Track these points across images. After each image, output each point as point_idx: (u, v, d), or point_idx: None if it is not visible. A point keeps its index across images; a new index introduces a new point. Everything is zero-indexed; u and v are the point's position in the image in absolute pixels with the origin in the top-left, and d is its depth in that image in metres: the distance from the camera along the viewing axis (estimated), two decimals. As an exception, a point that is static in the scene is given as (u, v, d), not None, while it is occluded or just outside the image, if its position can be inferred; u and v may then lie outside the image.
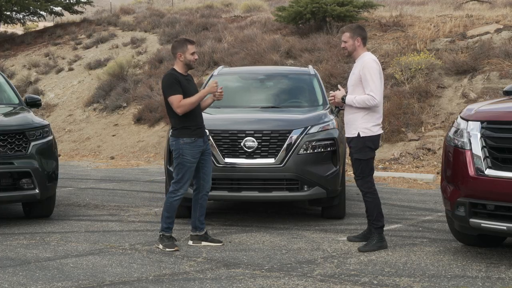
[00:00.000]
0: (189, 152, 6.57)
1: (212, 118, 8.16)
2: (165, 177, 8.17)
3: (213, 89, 6.74)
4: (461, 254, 6.28)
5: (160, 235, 6.68)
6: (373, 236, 6.56)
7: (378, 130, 6.60)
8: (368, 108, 6.50)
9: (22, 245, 6.83)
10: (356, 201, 9.35)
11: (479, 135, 5.78)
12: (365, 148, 6.53)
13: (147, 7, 30.38)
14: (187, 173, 6.61)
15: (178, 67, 6.69)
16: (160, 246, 6.58)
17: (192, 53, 6.65)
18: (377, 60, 6.65)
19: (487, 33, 17.12)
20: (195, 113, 6.66)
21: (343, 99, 6.62)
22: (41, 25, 34.39)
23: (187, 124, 6.60)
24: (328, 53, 18.00)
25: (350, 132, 6.62)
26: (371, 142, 6.56)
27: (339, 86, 6.91)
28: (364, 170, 6.58)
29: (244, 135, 7.54)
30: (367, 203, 6.60)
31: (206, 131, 7.00)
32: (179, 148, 6.58)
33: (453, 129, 6.19)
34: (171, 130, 6.84)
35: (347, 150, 8.94)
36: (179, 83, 6.56)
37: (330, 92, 6.90)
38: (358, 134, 6.53)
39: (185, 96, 6.57)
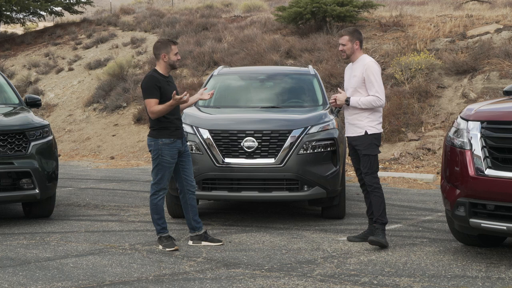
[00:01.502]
0: (168, 152, 6.56)
1: (212, 118, 8.16)
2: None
3: (176, 102, 6.47)
4: (461, 254, 6.28)
5: (157, 237, 6.70)
6: (378, 231, 6.59)
7: (380, 128, 6.80)
8: (373, 108, 6.67)
9: (22, 245, 6.83)
10: (356, 201, 9.35)
11: (479, 135, 5.78)
12: (372, 144, 6.69)
13: (147, 7, 30.39)
14: (166, 174, 6.62)
15: (161, 68, 6.66)
16: (160, 247, 6.58)
17: (176, 54, 6.64)
18: (377, 62, 6.83)
19: (487, 33, 17.12)
20: (174, 115, 6.64)
21: (347, 101, 6.73)
22: (41, 25, 34.38)
23: (166, 125, 6.59)
24: (328, 53, 18.01)
25: (356, 131, 6.73)
26: (376, 139, 6.74)
27: (339, 89, 7.01)
28: (373, 165, 6.71)
29: (244, 135, 7.54)
30: (375, 198, 6.66)
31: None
32: (158, 149, 6.57)
33: (453, 129, 6.19)
34: (149, 131, 6.80)
35: (347, 150, 8.96)
36: (158, 87, 6.53)
37: (332, 95, 6.95)
38: (366, 132, 6.67)
39: (164, 98, 6.52)
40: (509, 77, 14.73)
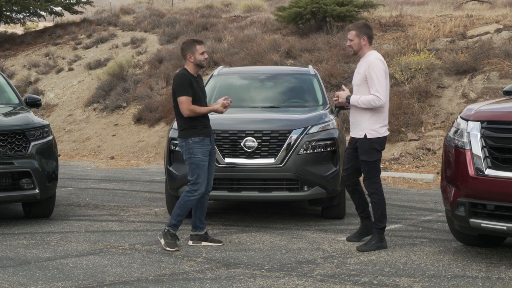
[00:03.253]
0: (200, 150, 6.57)
1: (212, 118, 8.13)
2: (165, 177, 8.17)
3: (220, 110, 6.79)
4: (461, 254, 6.28)
5: (165, 229, 6.61)
6: (373, 236, 6.56)
7: (384, 132, 6.53)
8: (374, 109, 6.43)
9: (22, 245, 6.83)
10: (356, 201, 9.34)
11: (479, 135, 5.78)
12: (371, 150, 6.47)
13: (147, 7, 30.38)
14: (202, 172, 6.58)
15: (189, 68, 6.73)
16: (162, 242, 6.54)
17: (202, 53, 6.69)
18: (383, 60, 6.55)
19: (487, 33, 17.12)
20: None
21: (347, 99, 6.53)
22: (41, 25, 34.38)
23: (194, 123, 6.62)
24: (328, 53, 18.00)
25: (357, 133, 6.55)
26: (378, 144, 6.50)
27: (343, 86, 6.83)
28: (371, 171, 6.54)
29: (244, 135, 7.54)
30: (372, 203, 6.59)
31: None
32: (189, 148, 6.58)
33: (453, 129, 6.19)
34: (178, 132, 6.81)
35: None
36: (190, 85, 6.60)
37: (335, 92, 6.82)
38: (365, 135, 6.47)
39: (194, 97, 6.60)
40: (509, 77, 14.72)
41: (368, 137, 6.46)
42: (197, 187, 6.59)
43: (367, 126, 6.46)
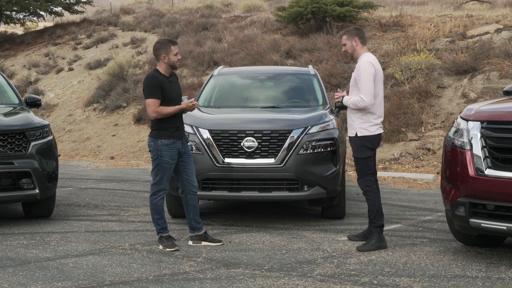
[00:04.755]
0: (167, 153, 6.56)
1: (212, 118, 8.16)
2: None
3: (190, 108, 6.71)
4: (461, 254, 6.28)
5: (158, 237, 6.70)
6: (373, 236, 6.58)
7: (376, 130, 6.64)
8: (363, 110, 6.60)
9: (22, 245, 6.83)
10: (356, 201, 9.35)
11: (479, 135, 5.78)
12: (362, 147, 6.62)
13: (147, 7, 30.38)
14: (166, 174, 6.62)
15: (162, 69, 6.66)
16: (160, 247, 6.59)
17: (176, 54, 6.63)
18: (374, 62, 6.63)
19: (487, 33, 17.12)
20: (174, 115, 6.63)
21: (341, 99, 6.80)
22: (41, 25, 34.37)
23: (166, 125, 6.59)
24: (328, 53, 18.01)
25: (350, 132, 6.74)
26: (369, 142, 6.62)
27: (338, 89, 7.03)
28: (363, 168, 6.64)
29: (244, 135, 7.54)
30: (367, 201, 6.66)
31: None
32: (158, 150, 6.56)
33: (453, 129, 6.19)
34: (150, 131, 6.81)
35: (347, 150, 8.98)
36: (160, 87, 6.54)
37: (336, 93, 6.97)
38: (356, 134, 6.65)
39: (165, 98, 6.55)
40: (509, 77, 14.73)
41: (358, 135, 6.65)
42: (160, 188, 6.62)
43: (357, 125, 6.66)
